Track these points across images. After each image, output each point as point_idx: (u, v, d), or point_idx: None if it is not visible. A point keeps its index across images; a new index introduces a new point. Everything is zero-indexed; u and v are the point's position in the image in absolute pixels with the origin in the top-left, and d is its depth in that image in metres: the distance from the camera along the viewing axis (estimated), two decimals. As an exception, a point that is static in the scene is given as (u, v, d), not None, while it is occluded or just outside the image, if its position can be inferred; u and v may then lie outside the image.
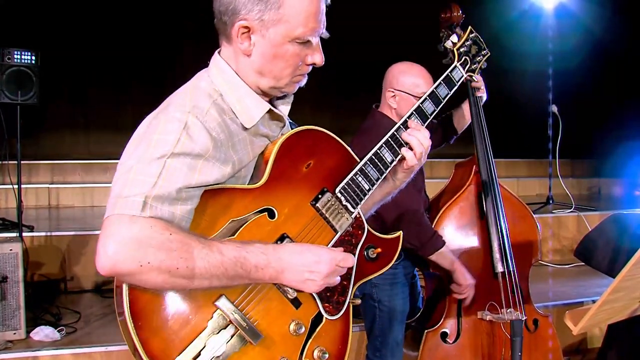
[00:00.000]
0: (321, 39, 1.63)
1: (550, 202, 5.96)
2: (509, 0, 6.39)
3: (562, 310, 3.98)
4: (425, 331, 2.84)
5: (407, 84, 2.86)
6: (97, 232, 4.57)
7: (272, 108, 1.65)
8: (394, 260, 1.82)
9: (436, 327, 2.84)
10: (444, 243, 2.78)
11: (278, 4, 1.51)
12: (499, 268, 2.83)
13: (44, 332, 3.39)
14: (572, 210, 5.67)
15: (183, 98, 1.53)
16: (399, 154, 1.77)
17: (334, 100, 7.63)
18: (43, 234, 4.47)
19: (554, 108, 5.82)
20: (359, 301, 1.73)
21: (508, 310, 2.81)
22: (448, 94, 1.93)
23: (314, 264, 1.52)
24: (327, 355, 1.59)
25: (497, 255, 2.83)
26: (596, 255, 3.71)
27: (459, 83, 1.97)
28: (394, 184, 1.88)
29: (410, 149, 1.77)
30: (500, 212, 2.86)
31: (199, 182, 1.43)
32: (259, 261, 1.45)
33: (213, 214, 1.47)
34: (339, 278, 1.60)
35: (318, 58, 1.61)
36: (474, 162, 2.98)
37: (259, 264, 1.45)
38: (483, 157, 2.93)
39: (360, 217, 1.73)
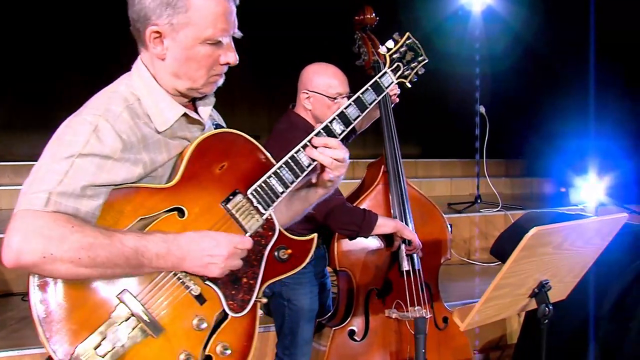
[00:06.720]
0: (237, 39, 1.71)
1: (478, 201, 6.07)
2: (440, 3, 6.49)
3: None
4: (333, 329, 2.86)
5: (321, 85, 2.88)
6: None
7: (188, 112, 1.71)
8: (305, 262, 1.85)
9: (344, 324, 2.87)
10: (376, 215, 2.81)
11: (185, 8, 1.59)
12: (405, 266, 2.88)
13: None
14: (499, 209, 5.78)
15: (98, 102, 1.61)
16: None
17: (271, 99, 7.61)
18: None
19: (482, 109, 5.93)
20: (265, 300, 1.76)
21: (416, 308, 2.87)
22: (375, 99, 1.94)
23: (213, 248, 1.58)
24: (229, 351, 1.65)
25: (403, 253, 2.88)
26: (509, 252, 3.81)
27: (388, 89, 1.99)
28: (323, 192, 1.92)
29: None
30: (407, 211, 2.92)
31: (106, 181, 1.51)
32: (160, 250, 1.52)
33: (122, 212, 1.54)
34: (241, 261, 1.65)
35: (231, 57, 1.68)
36: (383, 162, 3.01)
37: (160, 253, 1.52)
38: (391, 156, 2.97)
39: (271, 218, 1.77)
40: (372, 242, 2.91)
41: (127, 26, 1.72)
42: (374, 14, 3.04)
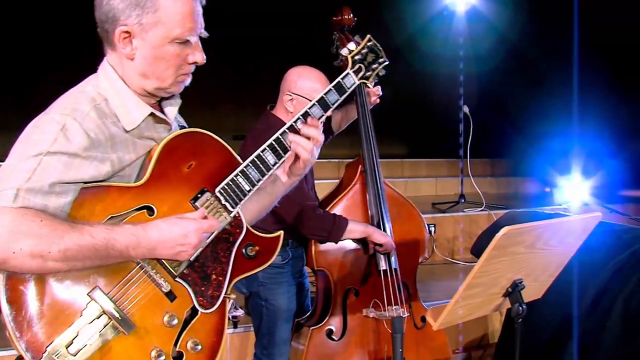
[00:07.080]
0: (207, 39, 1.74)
1: (462, 201, 6.08)
2: (424, 3, 6.50)
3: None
4: (311, 328, 2.86)
5: (305, 88, 2.88)
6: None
7: (155, 112, 1.74)
8: (273, 259, 1.89)
9: (322, 324, 2.87)
10: (346, 221, 2.82)
11: (154, 8, 1.62)
12: (382, 266, 2.89)
13: None
14: (482, 208, 5.80)
15: (65, 101, 1.63)
16: (282, 156, 1.84)
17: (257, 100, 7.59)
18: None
19: (466, 109, 5.94)
20: (234, 296, 1.81)
21: (394, 308, 2.87)
22: (338, 99, 1.98)
23: (182, 238, 1.60)
24: (200, 347, 1.68)
25: (379, 253, 2.88)
26: (488, 252, 3.82)
27: (350, 89, 2.02)
28: (289, 181, 1.96)
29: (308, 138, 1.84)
30: (384, 210, 2.92)
31: (73, 179, 1.53)
32: (130, 242, 1.54)
33: (92, 210, 1.56)
34: (208, 239, 1.70)
35: (199, 56, 1.71)
36: (361, 162, 3.01)
37: (130, 245, 1.54)
38: (368, 156, 2.97)
39: (239, 216, 1.80)
40: (350, 242, 2.91)
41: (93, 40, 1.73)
42: (351, 15, 3.03)
